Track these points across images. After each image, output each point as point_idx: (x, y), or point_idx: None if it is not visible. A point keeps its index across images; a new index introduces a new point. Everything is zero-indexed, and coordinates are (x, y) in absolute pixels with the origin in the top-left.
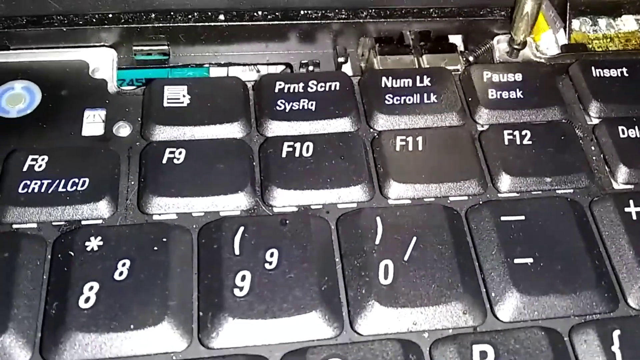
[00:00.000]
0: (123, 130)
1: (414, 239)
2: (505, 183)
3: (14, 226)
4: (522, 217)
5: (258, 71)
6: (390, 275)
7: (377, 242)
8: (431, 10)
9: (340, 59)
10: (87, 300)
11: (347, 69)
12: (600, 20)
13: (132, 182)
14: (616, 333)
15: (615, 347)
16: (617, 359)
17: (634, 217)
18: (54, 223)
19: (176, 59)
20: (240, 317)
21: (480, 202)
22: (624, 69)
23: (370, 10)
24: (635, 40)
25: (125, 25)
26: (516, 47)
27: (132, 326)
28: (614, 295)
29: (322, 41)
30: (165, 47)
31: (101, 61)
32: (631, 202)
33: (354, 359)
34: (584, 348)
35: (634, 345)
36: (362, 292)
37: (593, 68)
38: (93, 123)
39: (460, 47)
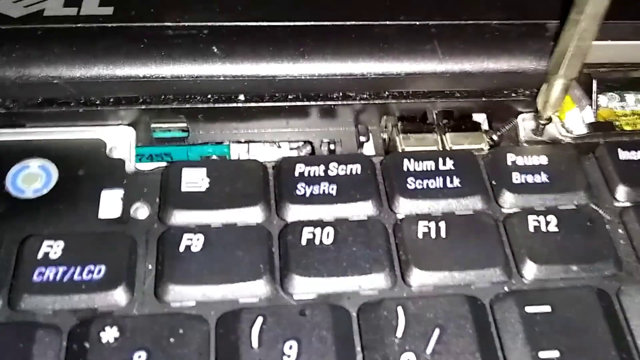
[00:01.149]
0: (141, 211)
1: (437, 330)
2: (530, 271)
3: (29, 315)
4: (548, 308)
5: (279, 147)
6: None
7: (398, 334)
8: (454, 91)
9: (362, 138)
10: None
11: (369, 147)
12: (627, 95)
13: (150, 267)
14: None
15: None
16: None
17: None
18: (69, 311)
19: (196, 136)
20: None
21: (506, 290)
22: None
23: (392, 92)
24: None
25: (143, 107)
26: (542, 122)
27: None
28: None
29: (343, 119)
30: (184, 125)
31: (119, 140)
32: None
33: None
34: None
35: None
36: None
37: (620, 150)
38: (110, 204)
39: (484, 125)
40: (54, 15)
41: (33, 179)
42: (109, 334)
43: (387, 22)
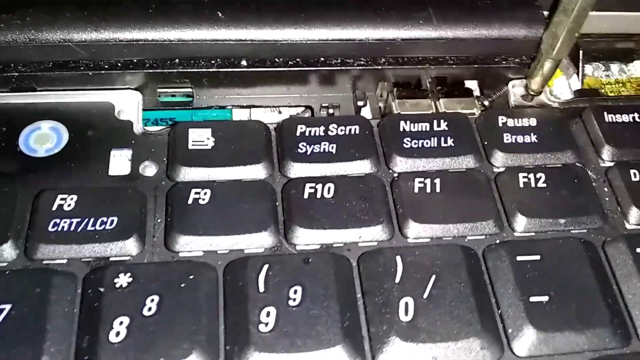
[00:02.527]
0: (149, 169)
1: (433, 277)
2: (521, 224)
3: (44, 262)
4: (538, 257)
5: (279, 112)
6: (410, 312)
7: (397, 280)
8: (448, 57)
9: (360, 103)
10: (117, 334)
11: (366, 111)
12: (612, 65)
13: (159, 220)
14: None
15: None
16: None
17: None
18: (83, 259)
19: (200, 100)
20: (266, 351)
21: (497, 242)
22: (636, 114)
23: (388, 58)
24: None
25: (150, 70)
26: (532, 93)
27: (161, 359)
28: (626, 331)
29: (341, 85)
30: (189, 90)
31: (126, 103)
32: None
33: None
34: None
35: None
36: (383, 328)
37: (606, 113)
38: (119, 163)
39: (476, 92)
40: None
41: (45, 139)
42: (123, 280)
43: None
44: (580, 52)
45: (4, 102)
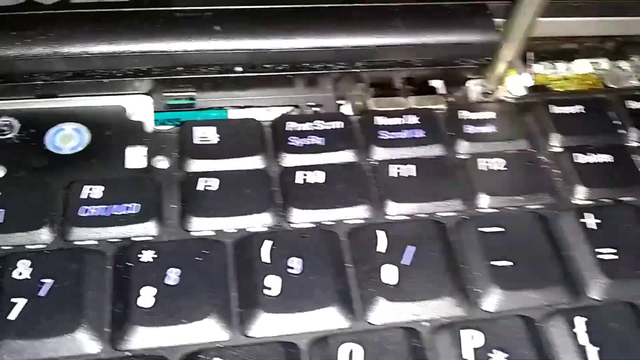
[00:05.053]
0: (161, 163)
1: (411, 247)
2: (484, 201)
3: (77, 243)
4: (500, 229)
5: (270, 111)
6: (393, 277)
7: (380, 250)
8: (415, 60)
9: (340, 102)
10: (145, 301)
11: (346, 109)
12: (558, 64)
13: (173, 206)
14: (579, 319)
15: (579, 330)
16: (579, 339)
17: (590, 227)
18: (110, 240)
19: (201, 102)
20: (273, 311)
21: (465, 217)
22: (580, 106)
23: (364, 62)
24: (589, 81)
25: (157, 77)
26: (489, 91)
27: (184, 321)
28: (576, 289)
29: (324, 86)
30: (192, 93)
31: (138, 106)
32: (587, 215)
33: (368, 343)
34: (554, 331)
35: (595, 329)
36: (370, 291)
37: (554, 106)
38: (135, 158)
39: (441, 89)
40: (79, 2)
41: (69, 138)
42: (147, 255)
43: (360, 5)
44: (532, 53)
45: (30, 107)
